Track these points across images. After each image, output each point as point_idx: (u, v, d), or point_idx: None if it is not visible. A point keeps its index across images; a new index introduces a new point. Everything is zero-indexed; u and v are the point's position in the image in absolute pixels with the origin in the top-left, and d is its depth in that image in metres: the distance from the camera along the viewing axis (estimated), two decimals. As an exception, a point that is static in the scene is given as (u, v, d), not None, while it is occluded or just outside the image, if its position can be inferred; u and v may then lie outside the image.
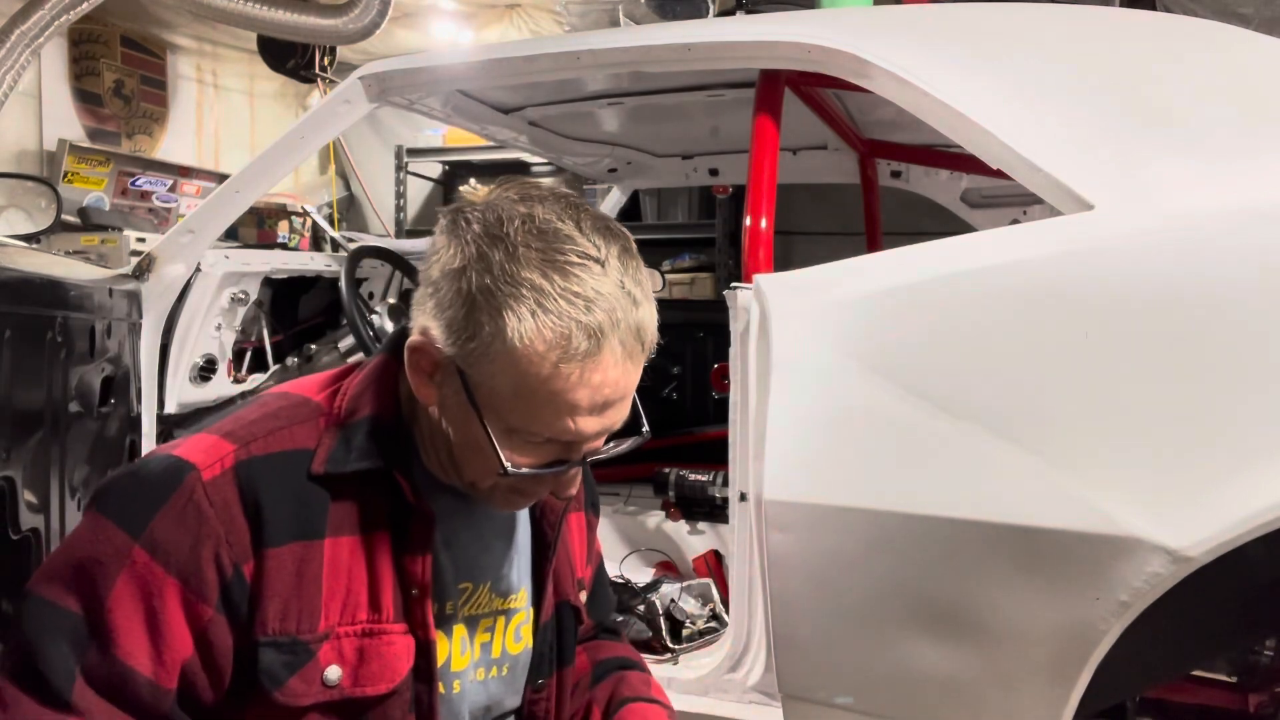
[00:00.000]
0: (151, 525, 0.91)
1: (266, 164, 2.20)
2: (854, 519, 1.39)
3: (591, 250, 0.89)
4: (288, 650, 0.94)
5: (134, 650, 0.90)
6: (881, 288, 1.49)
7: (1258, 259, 1.32)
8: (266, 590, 0.94)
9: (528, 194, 0.94)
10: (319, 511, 0.97)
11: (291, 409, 1.01)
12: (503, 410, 0.92)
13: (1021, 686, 1.33)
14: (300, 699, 0.95)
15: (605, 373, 0.90)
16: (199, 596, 0.91)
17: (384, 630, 0.98)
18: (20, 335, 1.79)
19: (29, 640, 0.90)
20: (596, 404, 0.91)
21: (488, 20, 4.91)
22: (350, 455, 0.98)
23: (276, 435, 0.97)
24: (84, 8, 2.99)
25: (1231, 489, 1.21)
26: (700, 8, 3.78)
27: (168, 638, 0.91)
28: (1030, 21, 1.83)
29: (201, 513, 0.92)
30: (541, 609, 1.14)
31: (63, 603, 0.91)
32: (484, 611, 1.09)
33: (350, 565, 0.98)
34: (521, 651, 1.13)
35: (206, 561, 0.91)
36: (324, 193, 5.54)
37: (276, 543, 0.94)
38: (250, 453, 0.95)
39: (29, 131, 4.26)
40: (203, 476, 0.93)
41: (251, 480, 0.94)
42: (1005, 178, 1.55)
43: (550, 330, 0.87)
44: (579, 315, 0.87)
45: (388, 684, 0.98)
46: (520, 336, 0.87)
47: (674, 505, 2.55)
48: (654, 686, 1.23)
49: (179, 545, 0.91)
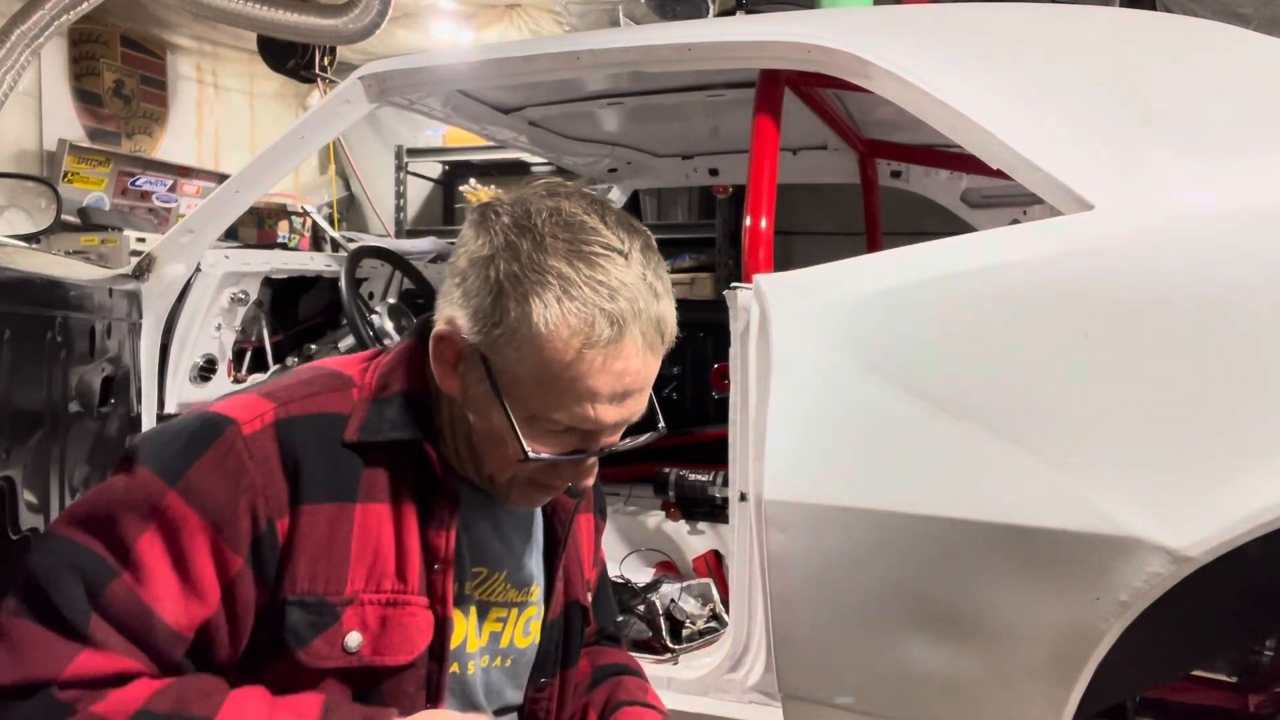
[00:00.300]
0: (189, 474, 0.91)
1: (266, 164, 2.20)
2: (854, 519, 1.39)
3: (616, 243, 0.93)
4: (314, 610, 0.95)
5: (160, 594, 0.89)
6: (881, 288, 1.49)
7: (1258, 259, 1.32)
8: (298, 548, 0.94)
9: (555, 190, 0.97)
10: (352, 476, 0.98)
11: (326, 378, 1.03)
12: (525, 397, 0.94)
13: (1021, 686, 1.33)
14: (323, 661, 0.95)
15: (627, 361, 0.92)
16: (231, 546, 0.91)
17: (407, 601, 0.99)
18: (20, 335, 1.79)
19: (44, 575, 0.88)
20: (617, 392, 0.94)
21: (488, 20, 4.91)
22: (383, 425, 0.99)
23: (314, 399, 1.00)
24: (84, 8, 2.99)
25: (1231, 489, 1.21)
26: (700, 8, 3.78)
27: (196, 585, 0.90)
28: (1030, 21, 1.83)
29: (241, 463, 0.92)
30: (551, 606, 1.14)
31: (85, 542, 0.90)
32: (498, 600, 1.10)
33: (379, 533, 0.99)
34: (528, 646, 1.13)
35: (242, 512, 0.92)
36: (324, 193, 5.54)
37: (313, 500, 0.95)
38: (290, 412, 0.97)
39: (29, 131, 4.26)
40: (243, 430, 0.94)
41: (291, 437, 0.95)
42: (1005, 178, 1.55)
43: (575, 316, 0.90)
44: (603, 303, 0.90)
45: (406, 655, 0.99)
46: (546, 322, 0.90)
47: (674, 505, 2.55)
48: (650, 693, 1.23)
49: (216, 494, 0.91)
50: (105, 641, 0.87)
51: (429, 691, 1.01)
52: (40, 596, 0.87)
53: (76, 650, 0.86)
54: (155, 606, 0.89)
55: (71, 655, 0.86)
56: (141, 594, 0.88)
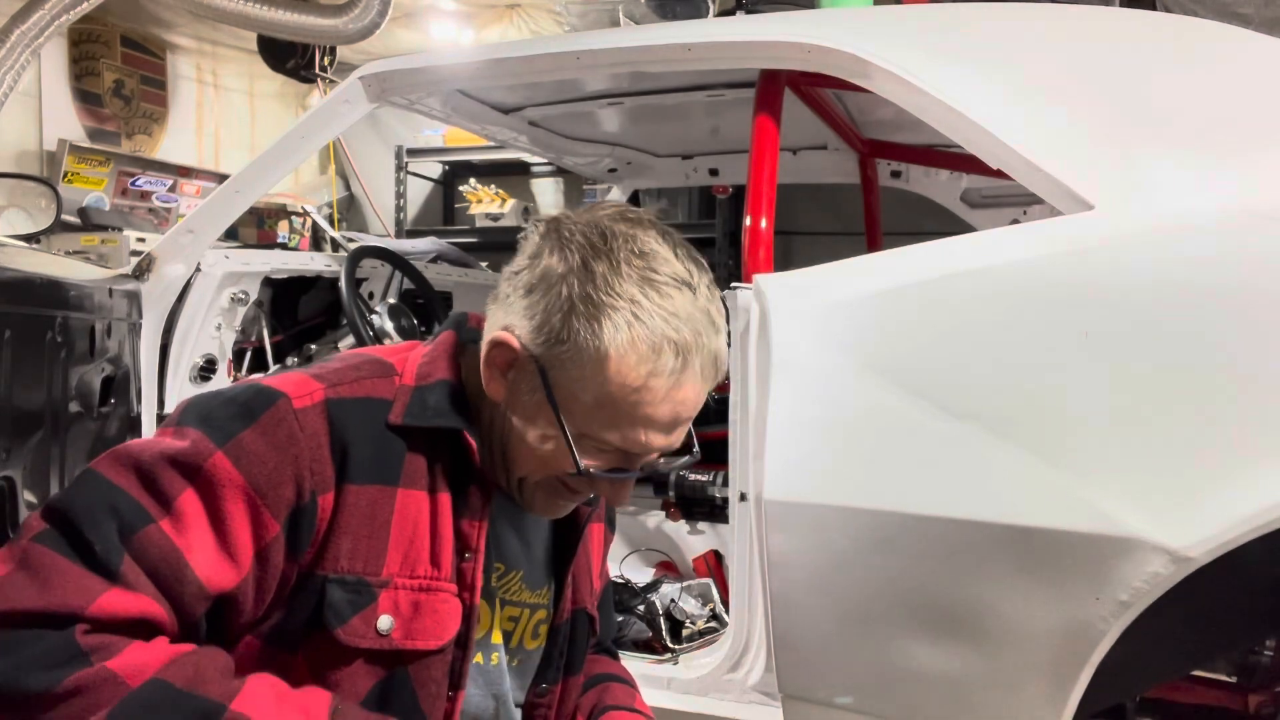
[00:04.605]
0: (240, 437, 0.92)
1: (266, 164, 2.20)
2: (854, 519, 1.39)
3: (685, 275, 0.96)
4: (353, 589, 0.96)
5: (195, 546, 0.89)
6: (881, 288, 1.49)
7: (1257, 259, 1.32)
8: (340, 526, 0.95)
9: (628, 216, 0.99)
10: (396, 460, 0.99)
11: (372, 364, 1.05)
12: (580, 415, 0.96)
13: (1021, 686, 1.33)
14: (359, 640, 0.96)
15: (686, 392, 0.95)
16: (271, 511, 0.91)
17: (440, 588, 1.00)
18: (20, 335, 1.79)
19: (80, 509, 0.87)
20: (671, 421, 0.97)
21: (488, 20, 4.90)
22: (428, 411, 1.01)
23: (361, 383, 1.01)
24: (84, 8, 2.99)
25: (1231, 489, 1.21)
26: (700, 8, 3.78)
27: (231, 547, 0.90)
28: (1030, 21, 1.83)
29: (292, 434, 0.93)
30: (559, 611, 1.15)
31: (127, 485, 0.89)
32: (513, 599, 1.11)
33: (416, 519, 1.00)
34: (536, 650, 1.14)
35: (288, 479, 0.92)
36: (324, 193, 5.54)
37: (358, 480, 0.96)
38: (340, 393, 0.98)
39: (29, 131, 4.26)
40: (294, 404, 0.95)
41: (341, 416, 0.97)
42: (1005, 178, 1.55)
43: (644, 344, 0.92)
44: (671, 333, 0.93)
45: (436, 641, 1.00)
46: (616, 346, 0.92)
47: (674, 505, 2.55)
48: (637, 699, 1.24)
49: (264, 459, 0.92)
50: (135, 583, 0.86)
51: (452, 679, 1.02)
52: (73, 530, 0.86)
53: (106, 587, 0.85)
54: (189, 558, 0.88)
55: (100, 591, 0.84)
56: (178, 542, 0.88)
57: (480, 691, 1.08)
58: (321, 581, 0.95)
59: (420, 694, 1.00)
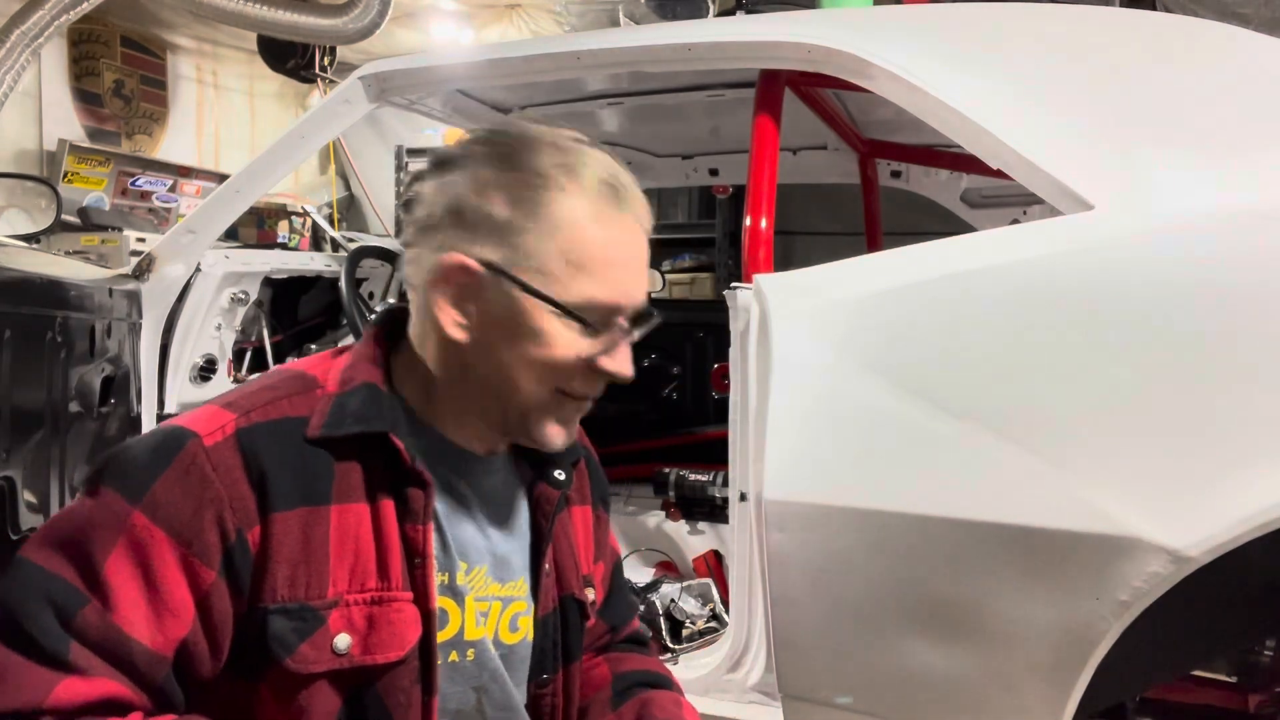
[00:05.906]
0: (152, 489, 0.90)
1: (266, 164, 2.20)
2: (854, 519, 1.39)
3: (581, 137, 1.00)
4: (297, 616, 0.94)
5: (132, 617, 0.88)
6: (881, 288, 1.49)
7: (1257, 259, 1.32)
8: (274, 556, 0.93)
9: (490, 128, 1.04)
10: (324, 478, 0.97)
11: (289, 381, 1.02)
12: (560, 290, 0.97)
13: (1021, 686, 1.33)
14: (312, 665, 0.94)
15: (638, 221, 1.00)
16: (202, 560, 0.90)
17: (393, 598, 0.98)
18: (20, 335, 1.79)
19: (15, 604, 0.87)
20: (635, 257, 1.00)
21: (488, 20, 4.91)
22: (346, 419, 0.98)
23: (276, 404, 0.98)
24: (84, 8, 2.99)
25: (1231, 489, 1.21)
26: (700, 8, 3.78)
27: (168, 604, 0.89)
28: (1030, 21, 1.83)
29: (205, 476, 0.91)
30: (540, 601, 1.13)
31: (54, 568, 0.88)
32: (481, 594, 1.09)
33: (358, 533, 0.98)
34: (519, 643, 1.12)
35: (209, 525, 0.90)
36: (324, 193, 5.55)
37: (284, 507, 0.94)
38: (251, 420, 0.95)
39: (29, 131, 4.27)
40: (204, 442, 0.92)
41: (254, 446, 0.94)
42: (1005, 178, 1.55)
43: (586, 194, 0.96)
44: (601, 174, 0.97)
45: (397, 651, 0.98)
46: (564, 207, 0.95)
47: (674, 505, 2.55)
48: (685, 706, 1.19)
49: (180, 509, 0.90)
50: (88, 667, 0.86)
51: (424, 685, 1.01)
52: (14, 625, 0.86)
53: (59, 678, 0.85)
54: (129, 630, 0.88)
55: (54, 683, 0.84)
56: (114, 618, 0.87)
57: (459, 689, 1.06)
58: (263, 614, 0.93)
59: (391, 705, 0.98)
